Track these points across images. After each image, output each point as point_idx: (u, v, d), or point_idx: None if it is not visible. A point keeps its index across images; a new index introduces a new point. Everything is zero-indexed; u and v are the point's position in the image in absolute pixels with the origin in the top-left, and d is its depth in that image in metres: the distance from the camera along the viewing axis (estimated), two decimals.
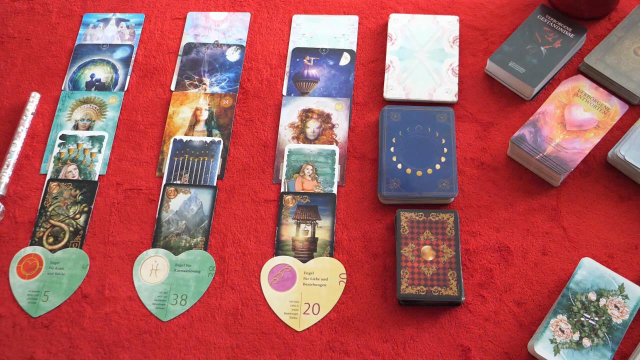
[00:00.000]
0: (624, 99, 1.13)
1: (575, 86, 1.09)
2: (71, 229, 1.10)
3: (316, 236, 1.07)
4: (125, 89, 1.23)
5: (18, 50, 1.28)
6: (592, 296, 0.95)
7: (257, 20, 1.28)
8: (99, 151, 1.16)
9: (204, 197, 1.11)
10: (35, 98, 1.21)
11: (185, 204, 1.10)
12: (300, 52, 1.23)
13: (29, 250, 1.09)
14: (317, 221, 1.08)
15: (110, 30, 1.29)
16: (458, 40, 1.21)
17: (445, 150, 1.09)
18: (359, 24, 1.26)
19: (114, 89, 1.23)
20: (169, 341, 1.01)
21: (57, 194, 1.13)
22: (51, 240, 1.09)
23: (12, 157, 1.15)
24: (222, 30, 1.28)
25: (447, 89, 1.16)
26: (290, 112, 1.18)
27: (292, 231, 1.07)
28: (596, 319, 0.94)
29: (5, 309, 1.04)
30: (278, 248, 1.06)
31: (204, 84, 1.22)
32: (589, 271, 0.97)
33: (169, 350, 1.00)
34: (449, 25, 1.22)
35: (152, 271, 1.06)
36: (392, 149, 1.09)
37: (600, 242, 1.03)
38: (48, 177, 1.14)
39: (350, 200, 1.09)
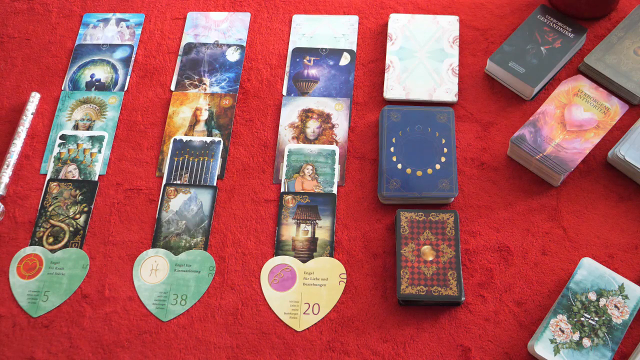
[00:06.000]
0: (624, 99, 1.13)
1: (575, 86, 1.09)
2: (71, 229, 1.10)
3: (316, 236, 1.07)
4: (125, 89, 1.23)
5: (18, 50, 1.28)
6: (592, 296, 0.95)
7: (257, 20, 1.28)
8: (99, 151, 1.16)
9: (204, 197, 1.11)
10: (35, 98, 1.21)
11: (185, 204, 1.10)
12: (300, 52, 1.23)
13: (29, 250, 1.09)
14: (317, 221, 1.08)
15: (110, 30, 1.29)
16: (458, 40, 1.21)
17: (445, 150, 1.09)
18: (359, 24, 1.26)
19: (114, 89, 1.23)
20: (169, 341, 1.01)
21: (57, 194, 1.13)
22: (51, 240, 1.09)
23: (12, 157, 1.15)
24: (222, 30, 1.28)
25: (447, 89, 1.16)
26: (290, 112, 1.18)
27: (292, 231, 1.07)
28: (596, 319, 0.94)
29: (5, 309, 1.04)
30: (278, 248, 1.06)
31: (204, 84, 1.22)
32: (589, 271, 0.97)
33: (169, 350, 1.00)
34: (449, 25, 1.22)
35: (152, 271, 1.06)
36: (392, 149, 1.09)
37: (600, 242, 1.03)
38: (48, 177, 1.14)
39: (350, 200, 1.09)
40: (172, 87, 1.22)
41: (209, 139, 1.16)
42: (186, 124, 1.18)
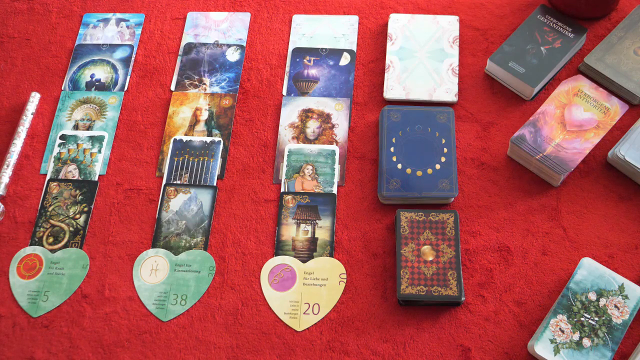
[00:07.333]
0: (624, 99, 1.13)
1: (575, 86, 1.09)
2: (71, 229, 1.10)
3: (316, 236, 1.07)
4: (125, 89, 1.23)
5: (18, 50, 1.28)
6: (592, 296, 0.95)
7: (257, 20, 1.28)
8: (99, 151, 1.16)
9: (204, 197, 1.11)
10: (35, 98, 1.21)
11: (185, 204, 1.10)
12: (300, 52, 1.23)
13: (29, 250, 1.09)
14: (317, 221, 1.08)
15: (110, 30, 1.29)
16: (458, 40, 1.21)
17: (445, 150, 1.09)
18: (359, 24, 1.26)
19: (114, 89, 1.23)
20: (169, 341, 1.01)
21: (57, 194, 1.13)
22: (51, 240, 1.09)
23: (12, 157, 1.15)
24: (222, 30, 1.28)
25: (447, 89, 1.16)
26: (290, 112, 1.18)
27: (292, 231, 1.07)
28: (596, 319, 0.94)
29: (5, 309, 1.04)
30: (278, 248, 1.06)
31: (204, 84, 1.22)
32: (589, 271, 0.97)
33: (169, 350, 1.00)
34: (449, 25, 1.22)
35: (152, 271, 1.06)
36: (392, 149, 1.09)
37: (600, 242, 1.03)
38: (48, 177, 1.14)
39: (350, 200, 1.09)
40: (172, 87, 1.22)
41: (209, 139, 1.16)
42: (186, 124, 1.18)
